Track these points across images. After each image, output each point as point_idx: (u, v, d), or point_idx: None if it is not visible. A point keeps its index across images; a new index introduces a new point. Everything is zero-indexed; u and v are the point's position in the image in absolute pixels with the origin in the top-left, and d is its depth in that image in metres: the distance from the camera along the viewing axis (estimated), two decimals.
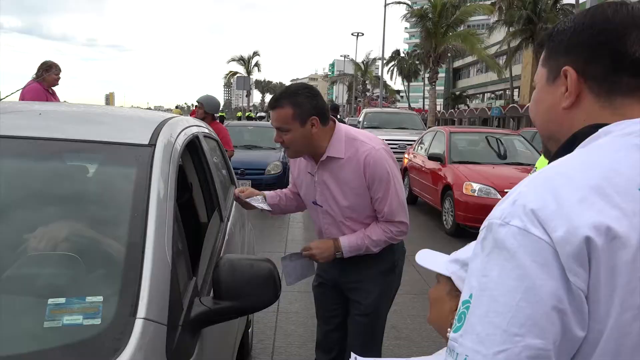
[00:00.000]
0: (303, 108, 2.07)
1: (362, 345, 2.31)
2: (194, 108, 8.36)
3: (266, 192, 2.47)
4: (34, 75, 5.73)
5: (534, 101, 0.92)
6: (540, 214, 0.69)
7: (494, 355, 0.67)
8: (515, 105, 35.86)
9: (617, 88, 0.80)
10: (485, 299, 0.70)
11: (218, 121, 7.29)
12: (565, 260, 0.66)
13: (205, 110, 5.95)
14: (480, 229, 0.77)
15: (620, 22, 0.79)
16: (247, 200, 2.33)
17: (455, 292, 1.09)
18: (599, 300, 0.67)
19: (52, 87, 5.86)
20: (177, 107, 27.55)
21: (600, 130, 0.78)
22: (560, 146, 0.85)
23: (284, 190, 2.55)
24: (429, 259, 1.24)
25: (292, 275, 2.36)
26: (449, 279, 1.14)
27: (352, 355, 1.44)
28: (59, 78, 5.86)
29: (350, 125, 2.56)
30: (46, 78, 5.68)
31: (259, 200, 2.34)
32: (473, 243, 1.15)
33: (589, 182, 0.70)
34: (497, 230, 0.72)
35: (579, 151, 0.79)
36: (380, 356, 2.44)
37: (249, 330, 3.42)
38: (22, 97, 5.41)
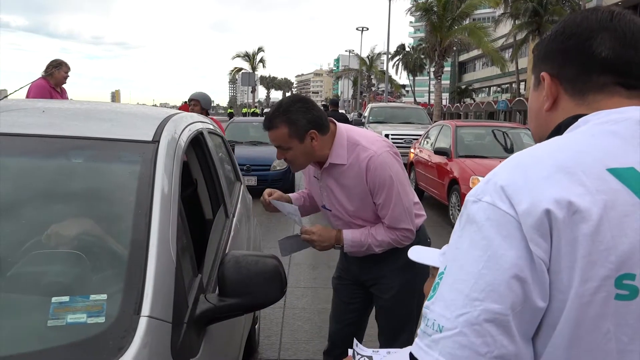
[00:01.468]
0: (299, 124, 2.00)
1: (389, 338, 2.31)
2: (182, 104, 8.37)
3: (291, 195, 2.42)
4: (43, 73, 5.77)
5: (528, 108, 1.01)
6: (508, 189, 0.74)
7: (455, 318, 0.72)
8: (521, 98, 35.66)
9: (589, 86, 0.86)
10: (455, 269, 0.76)
11: (229, 117, 7.44)
12: (527, 231, 0.71)
13: (202, 106, 5.98)
14: (462, 207, 0.82)
15: (588, 26, 0.86)
16: (276, 204, 2.26)
17: None
18: (560, 271, 0.71)
19: (62, 86, 5.91)
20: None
21: (580, 119, 0.84)
22: (546, 137, 0.90)
23: (304, 191, 2.51)
24: (422, 254, 1.26)
25: (287, 249, 2.33)
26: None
27: (355, 341, 1.46)
28: (67, 76, 5.91)
29: (355, 121, 2.52)
30: (55, 75, 5.72)
31: (288, 208, 2.26)
32: None
33: (557, 162, 0.75)
34: (471, 206, 0.78)
35: (556, 137, 0.85)
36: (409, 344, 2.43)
37: (256, 327, 3.42)
38: (27, 94, 5.46)
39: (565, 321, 0.71)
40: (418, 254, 1.26)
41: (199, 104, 5.97)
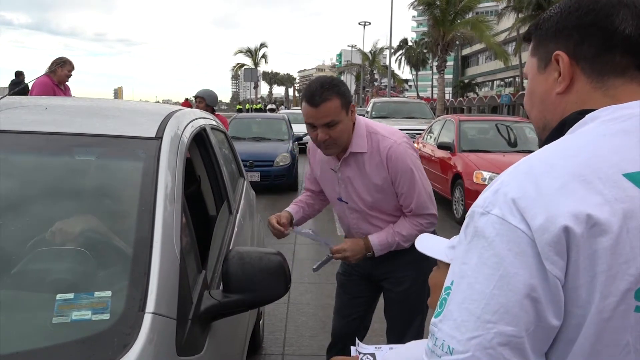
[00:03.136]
0: (346, 96, 2.03)
1: (400, 331, 2.32)
2: (184, 101, 8.41)
3: (289, 209, 2.37)
4: (47, 70, 5.79)
5: (527, 93, 0.93)
6: (520, 202, 0.70)
7: (467, 340, 0.69)
8: (525, 92, 35.53)
9: (609, 68, 0.80)
10: (463, 286, 0.72)
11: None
12: (542, 248, 0.67)
13: (207, 103, 6.00)
14: (466, 216, 0.78)
15: (607, 2, 0.80)
16: (301, 234, 2.24)
17: None
18: (578, 287, 0.68)
19: (65, 83, 5.93)
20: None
21: (587, 116, 0.78)
22: (549, 133, 0.85)
23: (300, 198, 2.47)
24: (429, 244, 1.24)
25: (319, 264, 2.31)
26: (449, 265, 1.13)
27: (356, 341, 1.47)
28: (70, 75, 5.92)
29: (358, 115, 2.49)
30: (58, 73, 5.74)
31: (312, 235, 2.24)
32: None
33: (571, 169, 0.70)
34: (478, 219, 0.73)
35: (564, 138, 0.79)
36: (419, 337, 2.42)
37: (260, 323, 3.42)
38: (31, 91, 5.47)
39: (584, 337, 0.68)
40: (425, 244, 1.24)
41: (203, 101, 5.99)
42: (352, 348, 1.48)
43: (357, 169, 2.13)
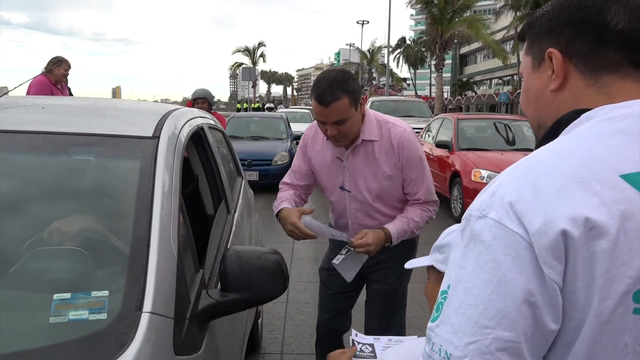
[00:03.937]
0: (355, 92, 2.02)
1: (386, 317, 2.34)
2: (189, 101, 8.40)
3: (285, 204, 2.22)
4: (44, 69, 5.78)
5: (523, 92, 0.93)
6: (517, 206, 0.69)
7: (465, 346, 0.68)
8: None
9: (603, 64, 0.79)
10: (460, 291, 0.71)
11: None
12: (540, 252, 0.66)
13: (210, 103, 6.03)
14: (462, 218, 0.77)
15: None
16: (317, 228, 2.15)
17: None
18: (576, 290, 0.67)
19: (62, 83, 5.91)
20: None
21: (582, 115, 0.78)
22: (545, 133, 0.85)
23: (290, 193, 2.33)
24: (416, 261, 1.35)
25: (348, 271, 2.26)
26: (435, 269, 1.22)
27: (353, 331, 1.47)
28: (67, 74, 5.91)
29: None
30: (54, 72, 5.72)
31: (332, 232, 2.22)
32: (447, 230, 1.23)
33: (568, 170, 0.69)
34: (475, 222, 0.72)
35: (560, 138, 0.78)
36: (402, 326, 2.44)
37: (259, 322, 3.42)
38: (28, 90, 5.46)
39: (582, 339, 0.68)
40: (412, 262, 1.36)
41: (206, 102, 5.98)
42: (350, 338, 1.48)
43: (366, 157, 2.15)
